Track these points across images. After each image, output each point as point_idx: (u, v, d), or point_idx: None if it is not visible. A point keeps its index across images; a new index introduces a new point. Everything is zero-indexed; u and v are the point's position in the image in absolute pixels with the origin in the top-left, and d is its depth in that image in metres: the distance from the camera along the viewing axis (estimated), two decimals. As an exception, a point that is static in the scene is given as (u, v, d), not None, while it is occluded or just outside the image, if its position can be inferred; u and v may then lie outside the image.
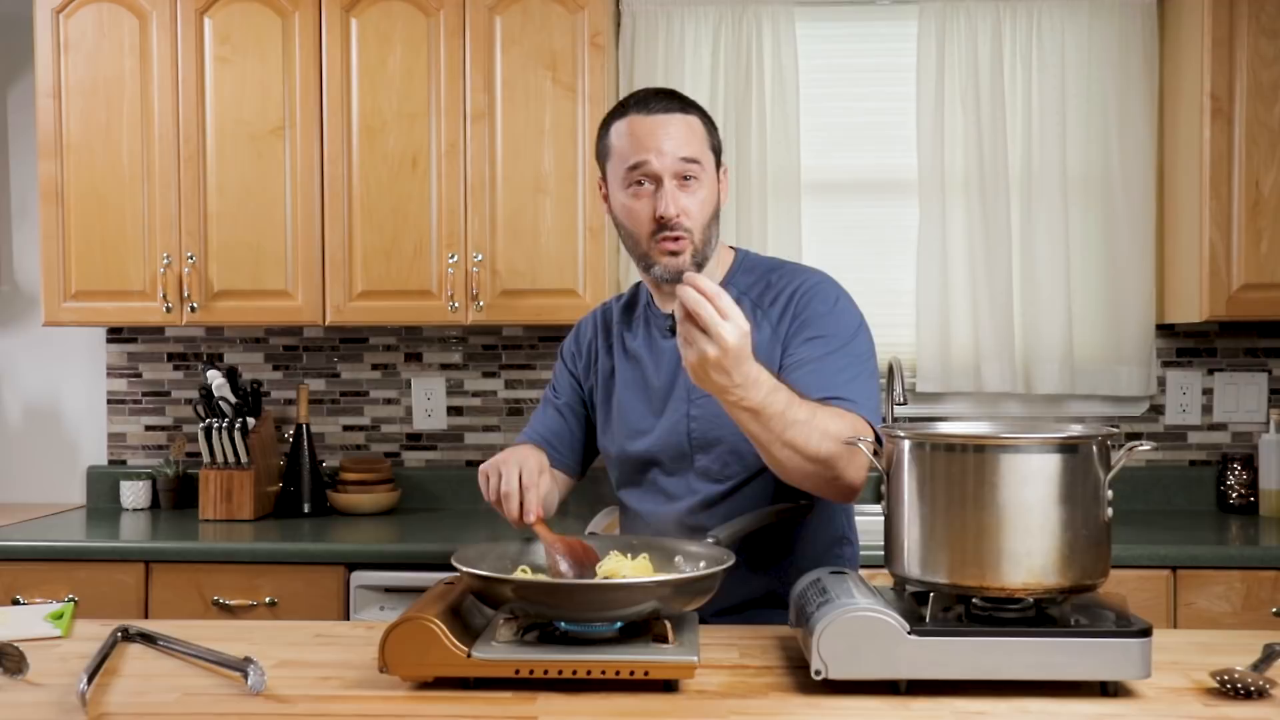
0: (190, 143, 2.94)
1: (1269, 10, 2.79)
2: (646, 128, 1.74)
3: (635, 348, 1.89)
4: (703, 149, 1.77)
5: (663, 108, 1.76)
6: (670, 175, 1.73)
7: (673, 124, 1.75)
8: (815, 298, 1.78)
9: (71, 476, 3.34)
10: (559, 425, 1.96)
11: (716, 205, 1.80)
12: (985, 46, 3.08)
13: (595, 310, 2.02)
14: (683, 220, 1.73)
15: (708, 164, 1.77)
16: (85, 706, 1.27)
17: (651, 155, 1.73)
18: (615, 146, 1.78)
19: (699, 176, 1.75)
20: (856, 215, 3.22)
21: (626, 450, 1.87)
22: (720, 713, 1.27)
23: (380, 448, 3.30)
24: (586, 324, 2.01)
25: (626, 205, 1.77)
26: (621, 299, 1.98)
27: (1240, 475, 3.06)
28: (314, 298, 2.94)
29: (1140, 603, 2.49)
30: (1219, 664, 1.34)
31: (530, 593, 1.37)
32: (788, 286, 1.80)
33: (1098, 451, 1.32)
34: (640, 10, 3.13)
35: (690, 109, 1.79)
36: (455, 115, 2.90)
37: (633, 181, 1.75)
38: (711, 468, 1.79)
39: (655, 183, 1.74)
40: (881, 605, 1.31)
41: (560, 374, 2.01)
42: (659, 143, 1.73)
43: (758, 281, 1.83)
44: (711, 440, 1.78)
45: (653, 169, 1.73)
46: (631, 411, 1.86)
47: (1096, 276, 3.11)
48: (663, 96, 1.78)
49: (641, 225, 1.75)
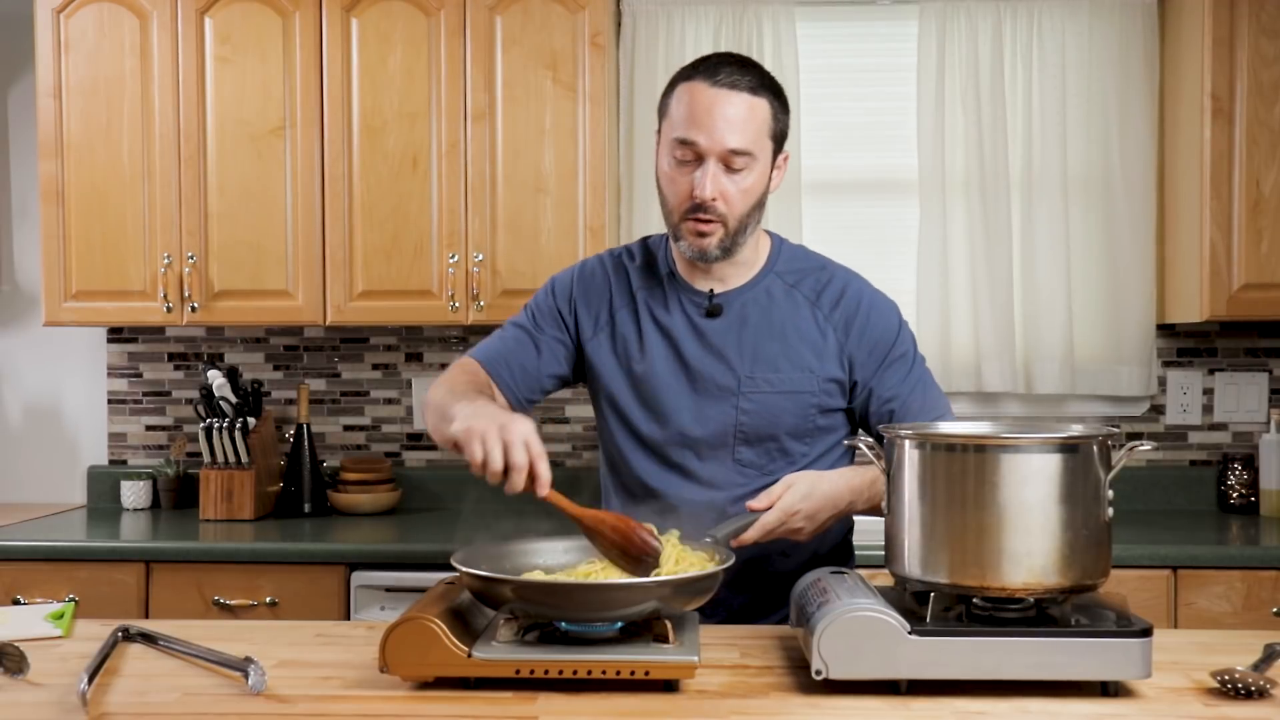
0: (191, 142, 2.94)
1: (1269, 10, 2.79)
2: (707, 102, 1.66)
3: (669, 323, 1.80)
4: (759, 138, 1.69)
5: (730, 82, 1.66)
6: (715, 157, 1.67)
7: (734, 104, 1.66)
8: (882, 314, 1.81)
9: (72, 476, 3.35)
10: (525, 355, 1.84)
11: (763, 194, 1.74)
12: (985, 46, 3.08)
13: (603, 259, 1.89)
14: (718, 205, 1.68)
15: (761, 153, 1.70)
16: (86, 706, 1.27)
17: (701, 135, 1.66)
18: (673, 110, 1.71)
19: (749, 165, 1.68)
20: (856, 215, 3.22)
21: (659, 428, 1.79)
22: (721, 713, 1.27)
23: (381, 448, 3.30)
24: (595, 272, 1.87)
25: (669, 173, 1.72)
26: (634, 257, 1.87)
27: (1241, 475, 3.06)
28: (314, 297, 2.94)
29: (1141, 603, 2.49)
30: (1219, 664, 1.34)
31: (529, 593, 1.37)
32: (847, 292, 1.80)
33: (1098, 451, 1.32)
34: (641, 10, 3.13)
35: (761, 89, 1.69)
36: (456, 115, 2.90)
37: (680, 151, 1.69)
38: (756, 460, 1.77)
39: (700, 160, 1.68)
40: (882, 605, 1.31)
41: (546, 310, 1.87)
42: (714, 123, 1.65)
43: (806, 275, 1.82)
44: (762, 436, 1.76)
45: (700, 148, 1.67)
46: (666, 390, 1.78)
47: (1097, 276, 3.11)
48: (736, 68, 1.68)
49: (678, 198, 1.71)
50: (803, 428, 1.77)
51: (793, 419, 1.76)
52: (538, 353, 1.84)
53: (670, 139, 1.71)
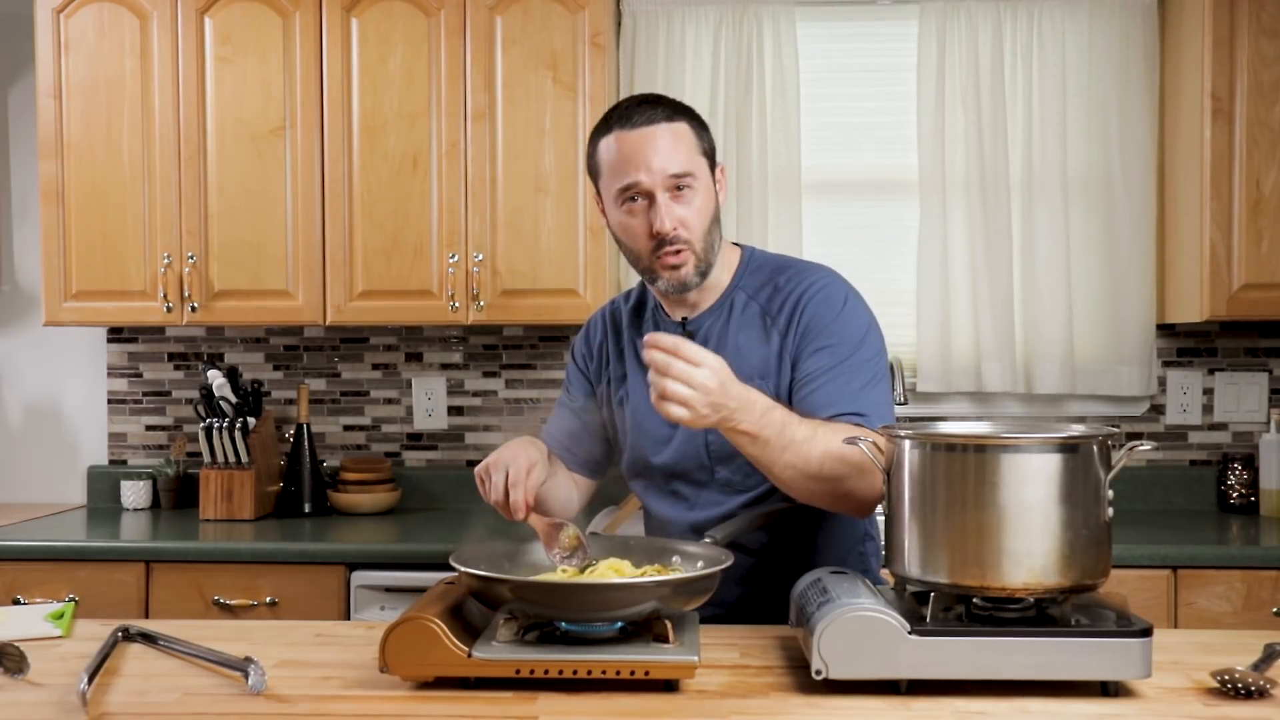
0: (191, 142, 2.94)
1: (1269, 10, 2.79)
2: (632, 144, 1.69)
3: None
4: (692, 157, 1.72)
5: (645, 119, 1.70)
6: (662, 189, 1.69)
7: (659, 136, 1.69)
8: (822, 303, 1.74)
9: (72, 476, 3.35)
10: (575, 428, 1.93)
11: (715, 209, 1.76)
12: (986, 46, 3.08)
13: (604, 309, 1.98)
14: (680, 232, 1.70)
15: (700, 171, 1.73)
16: (86, 706, 1.27)
17: (641, 174, 1.68)
18: (604, 164, 1.74)
19: (693, 185, 1.71)
20: (856, 215, 3.22)
21: (648, 460, 1.84)
22: (721, 713, 1.27)
23: (381, 447, 3.30)
24: (596, 324, 1.96)
25: (622, 223, 1.74)
26: (630, 298, 1.94)
27: (1241, 475, 3.06)
28: (314, 297, 2.94)
29: (1141, 603, 2.49)
30: (1219, 664, 1.34)
31: (528, 593, 1.37)
32: (794, 290, 1.76)
33: (1098, 451, 1.32)
34: (640, 10, 3.13)
35: (677, 115, 1.73)
36: (456, 115, 2.90)
37: (626, 199, 1.71)
38: (733, 479, 1.77)
39: (648, 199, 1.70)
40: (882, 605, 1.31)
41: (573, 376, 1.97)
42: (646, 159, 1.68)
43: (765, 284, 1.80)
44: (731, 452, 1.73)
45: (644, 187, 1.69)
46: (648, 420, 1.81)
47: (1097, 276, 3.11)
48: (646, 106, 1.72)
49: (640, 241, 1.72)
50: None
51: None
52: (579, 421, 1.93)
53: (613, 192, 1.73)
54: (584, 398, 1.95)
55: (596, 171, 1.77)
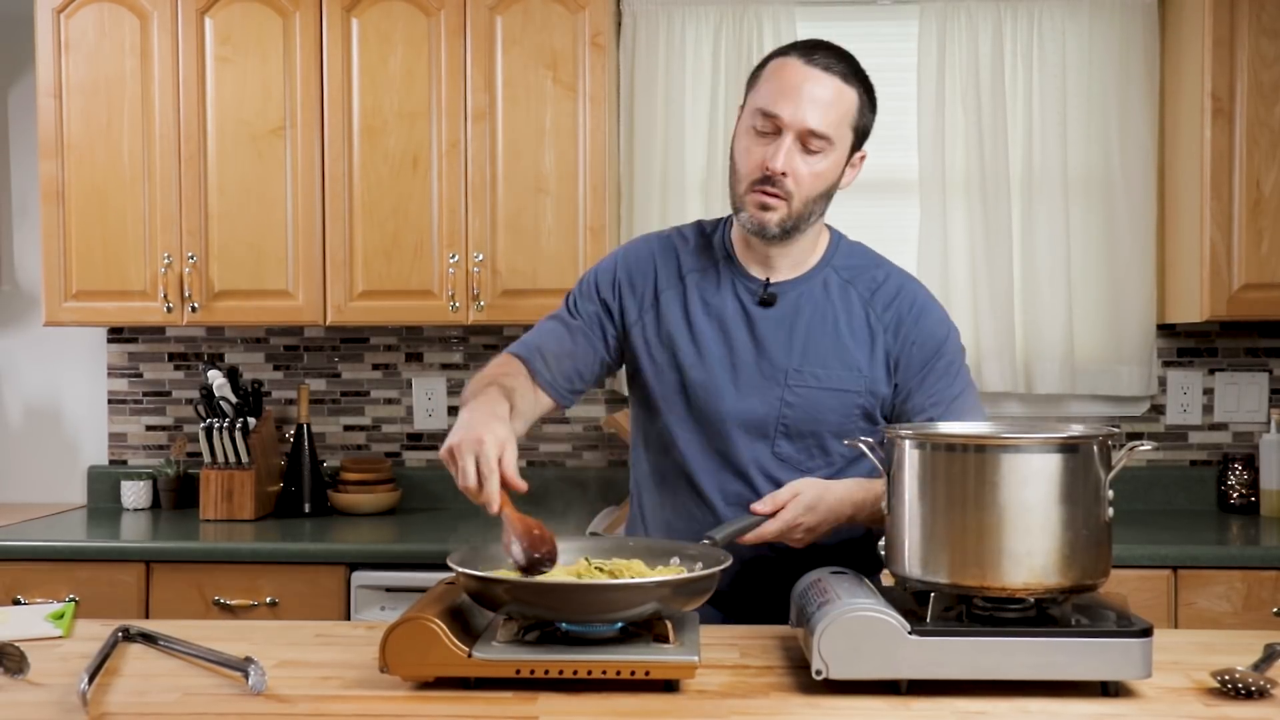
0: (191, 142, 2.94)
1: (1269, 10, 2.79)
2: (797, 78, 1.67)
3: (720, 306, 1.78)
4: (840, 125, 1.70)
5: (824, 65, 1.68)
6: (794, 134, 1.67)
7: (823, 85, 1.67)
8: (933, 319, 1.79)
9: (72, 476, 3.35)
10: (563, 345, 1.81)
11: (833, 184, 1.74)
12: (986, 46, 3.08)
13: (649, 241, 1.87)
14: (787, 181, 1.68)
15: (840, 141, 1.71)
16: (86, 706, 1.27)
17: (786, 110, 1.66)
18: (762, 83, 1.72)
19: (824, 151, 1.69)
20: (856, 215, 3.18)
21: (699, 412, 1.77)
22: (721, 713, 1.27)
23: (381, 448, 3.30)
24: (643, 253, 1.85)
25: (744, 143, 1.72)
26: (687, 240, 1.85)
27: (1241, 475, 3.06)
28: (315, 297, 2.94)
29: (1141, 603, 2.49)
30: (1220, 664, 1.34)
31: (525, 594, 1.37)
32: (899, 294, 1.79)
33: (1098, 451, 1.32)
34: (641, 10, 3.13)
35: (852, 79, 1.71)
36: (456, 115, 2.90)
37: (759, 122, 1.69)
38: (795, 455, 1.75)
39: (778, 133, 1.68)
40: (882, 605, 1.31)
41: (587, 295, 1.85)
42: (799, 100, 1.66)
43: (861, 273, 1.81)
44: (803, 431, 1.74)
45: (781, 122, 1.67)
46: (712, 374, 1.76)
47: (1097, 276, 3.11)
48: (831, 54, 1.70)
49: (749, 166, 1.70)
50: (845, 428, 1.74)
51: (836, 417, 1.75)
52: (571, 340, 1.82)
53: (753, 109, 1.71)
54: (591, 320, 1.83)
55: (752, 84, 1.75)
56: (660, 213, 3.08)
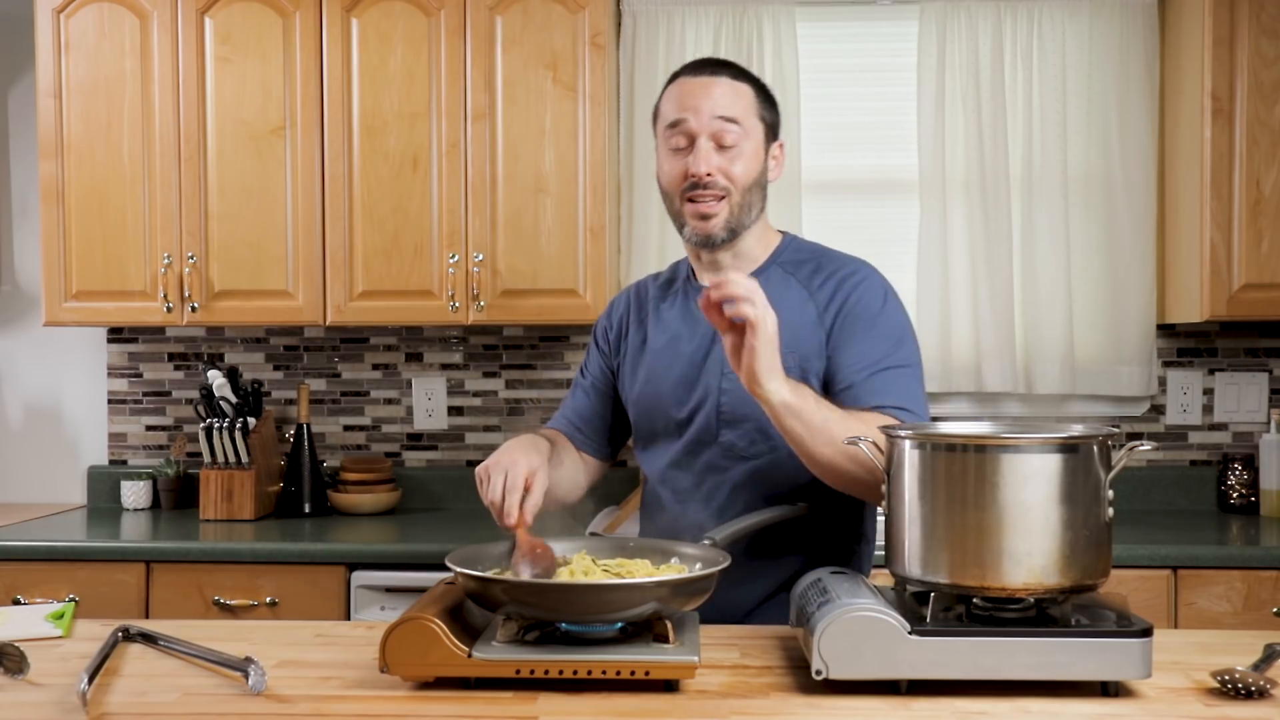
0: (191, 142, 2.94)
1: (1269, 10, 2.79)
2: (690, 88, 1.75)
3: (670, 317, 1.86)
4: (748, 115, 1.74)
5: (710, 70, 1.76)
6: (706, 134, 1.71)
7: (718, 85, 1.74)
8: (867, 292, 1.75)
9: (72, 476, 3.35)
10: (586, 407, 1.95)
11: (761, 174, 1.77)
12: (986, 46, 3.08)
13: (631, 286, 2.00)
14: (717, 178, 1.71)
15: (751, 129, 1.74)
16: (86, 706, 1.27)
17: (690, 114, 1.72)
18: (662, 108, 1.79)
19: (739, 143, 1.72)
20: (856, 215, 3.21)
21: (668, 415, 1.82)
22: (721, 713, 1.27)
23: (381, 448, 3.30)
24: (620, 300, 1.99)
25: (664, 164, 1.77)
26: (659, 277, 1.96)
27: (1241, 475, 3.06)
28: (315, 297, 2.94)
29: (1141, 603, 2.49)
30: (1219, 664, 1.34)
31: (524, 594, 1.37)
32: (838, 272, 1.78)
33: (1098, 451, 1.32)
34: (641, 10, 3.13)
35: (743, 78, 1.77)
36: (456, 115, 2.90)
37: (671, 139, 1.75)
38: (738, 444, 1.76)
39: (691, 141, 1.73)
40: (882, 605, 1.31)
41: (591, 353, 1.99)
42: (698, 102, 1.72)
43: (806, 263, 1.81)
44: (740, 416, 1.75)
45: (689, 127, 1.72)
46: (664, 380, 1.83)
47: (1097, 276, 3.11)
48: (716, 63, 1.78)
49: (674, 184, 1.75)
50: None
51: None
52: (590, 401, 1.95)
53: (662, 130, 1.78)
54: (599, 375, 1.95)
55: (655, 117, 1.82)
56: (660, 213, 3.07)
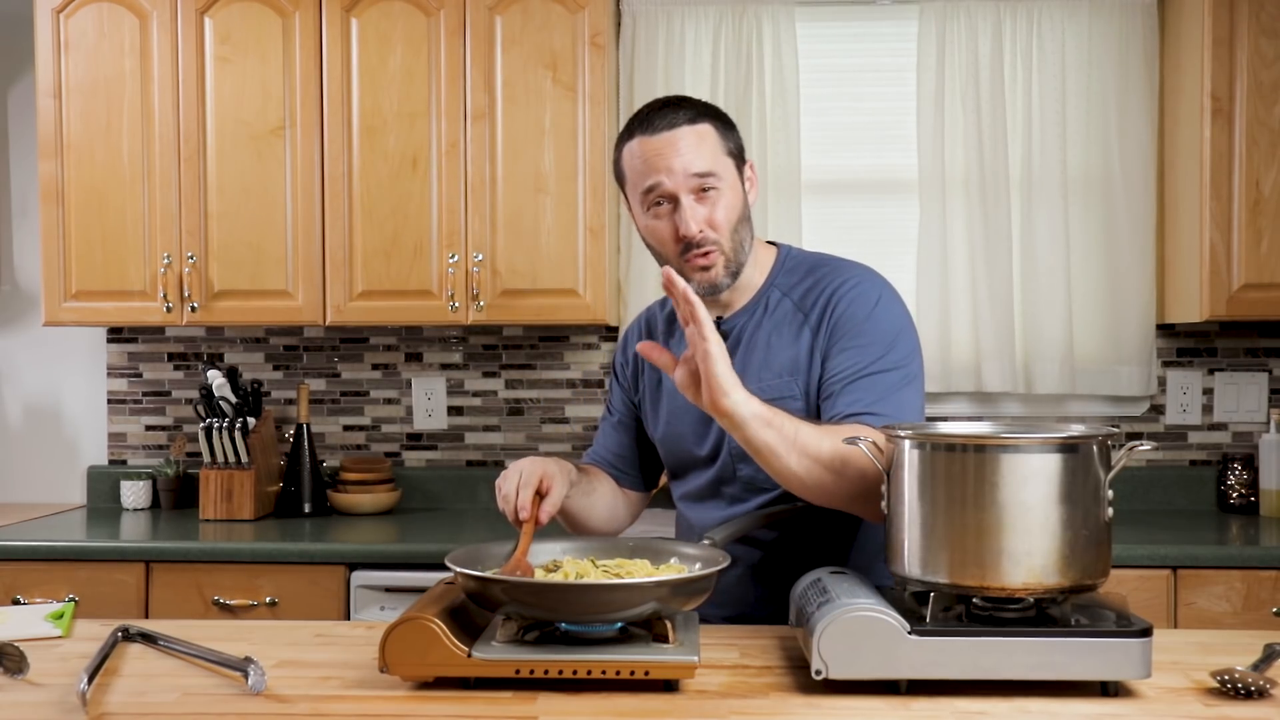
0: (190, 142, 2.94)
1: (1269, 10, 2.79)
2: (654, 148, 1.69)
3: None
4: (716, 157, 1.71)
5: (667, 123, 1.70)
6: (686, 191, 1.68)
7: (681, 139, 1.69)
8: (854, 301, 1.73)
9: (72, 476, 3.35)
10: (618, 444, 1.95)
11: (744, 208, 1.75)
12: (985, 46, 3.08)
13: (640, 318, 1.98)
14: (708, 234, 1.69)
15: (725, 171, 1.71)
16: (85, 706, 1.27)
17: (663, 176, 1.68)
18: (629, 171, 1.74)
19: (718, 186, 1.70)
20: (856, 215, 3.22)
21: (692, 453, 1.83)
22: (720, 713, 1.27)
23: (381, 448, 3.30)
24: (631, 334, 1.97)
25: (649, 227, 1.74)
26: (666, 305, 1.93)
27: (1240, 475, 3.06)
28: (314, 297, 2.94)
29: (1141, 603, 2.49)
30: (1219, 664, 1.34)
31: (524, 594, 1.37)
32: (828, 287, 1.75)
33: (1098, 451, 1.32)
34: (640, 10, 3.13)
35: (700, 117, 1.71)
36: (455, 115, 2.90)
37: (651, 204, 1.71)
38: (756, 478, 1.75)
39: (673, 202, 1.69)
40: (882, 605, 1.31)
41: (613, 389, 1.99)
42: (668, 162, 1.68)
43: (800, 281, 1.79)
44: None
45: (666, 190, 1.68)
46: (683, 421, 1.82)
47: (1097, 276, 3.11)
48: (668, 110, 1.72)
49: (667, 245, 1.72)
50: None
51: None
52: (620, 436, 1.96)
53: (637, 197, 1.74)
54: (625, 411, 1.96)
55: (622, 179, 1.77)
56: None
